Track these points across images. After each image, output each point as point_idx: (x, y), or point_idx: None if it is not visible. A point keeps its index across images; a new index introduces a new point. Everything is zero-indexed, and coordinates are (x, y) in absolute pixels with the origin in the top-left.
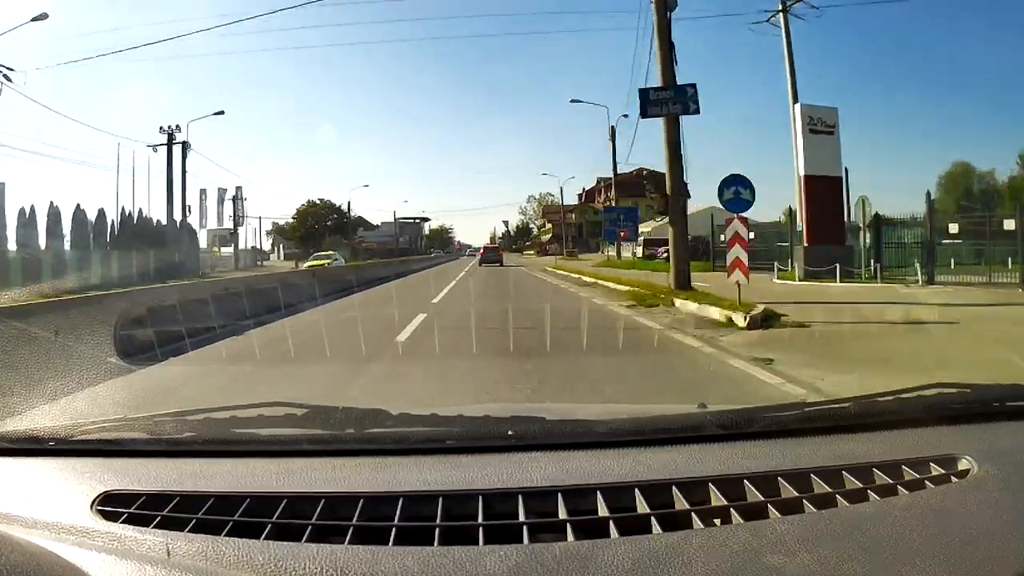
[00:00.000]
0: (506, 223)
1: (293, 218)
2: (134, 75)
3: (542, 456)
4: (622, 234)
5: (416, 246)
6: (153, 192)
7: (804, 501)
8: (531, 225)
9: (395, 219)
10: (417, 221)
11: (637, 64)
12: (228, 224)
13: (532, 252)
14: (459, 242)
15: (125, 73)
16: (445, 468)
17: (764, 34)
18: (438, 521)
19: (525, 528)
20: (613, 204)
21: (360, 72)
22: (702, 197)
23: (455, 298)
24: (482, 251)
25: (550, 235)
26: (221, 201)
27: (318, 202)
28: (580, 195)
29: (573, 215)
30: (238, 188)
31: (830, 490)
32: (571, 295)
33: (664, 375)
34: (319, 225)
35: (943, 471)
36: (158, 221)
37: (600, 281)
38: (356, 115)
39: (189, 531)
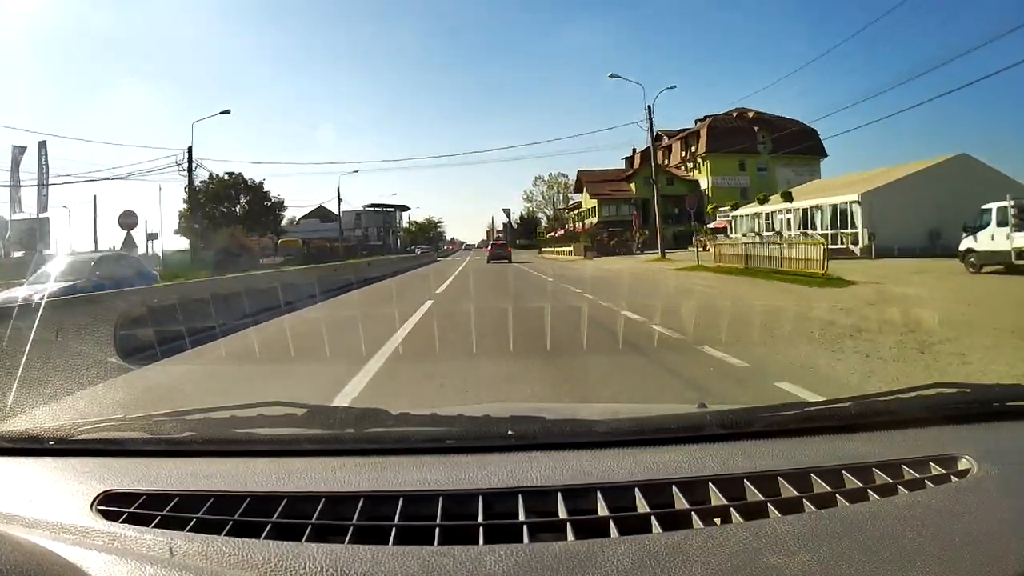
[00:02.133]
0: (507, 212)
1: (185, 200)
2: None
3: (542, 456)
4: None
5: (389, 242)
6: None
7: (804, 501)
8: (539, 214)
9: (339, 200)
10: (390, 209)
11: None
12: (28, 209)
13: (566, 249)
14: (453, 238)
15: None
16: (445, 468)
17: None
18: (438, 521)
19: (525, 528)
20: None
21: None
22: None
23: None
24: (489, 248)
25: (596, 220)
26: (16, 167)
27: (226, 177)
28: (629, 159)
29: (633, 186)
30: (41, 144)
31: (830, 490)
32: None
33: None
34: (223, 210)
35: (943, 471)
36: None
37: None
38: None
39: (189, 531)
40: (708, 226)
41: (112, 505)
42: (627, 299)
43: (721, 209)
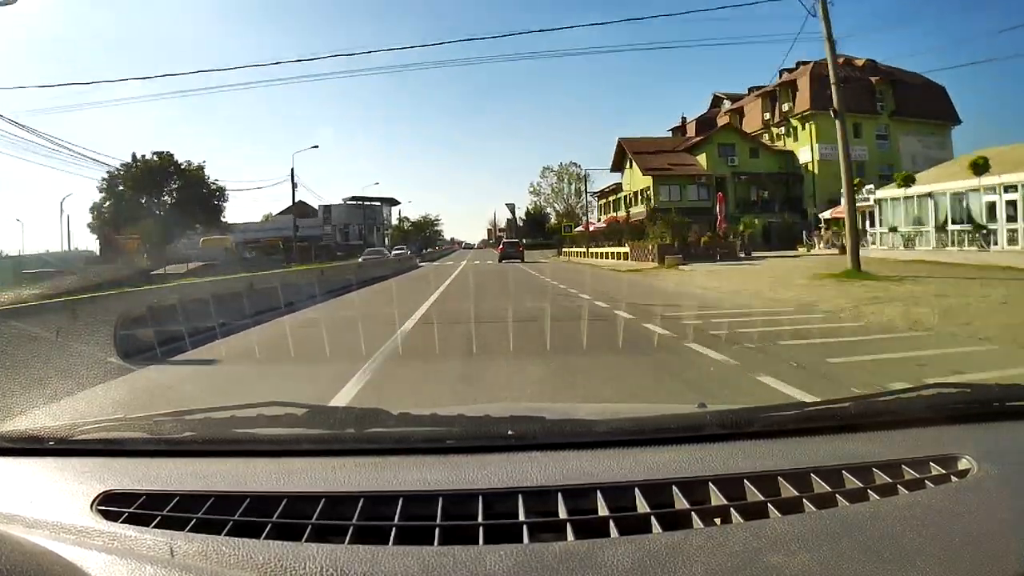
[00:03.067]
0: (511, 207)
1: (100, 189)
2: None
3: (542, 456)
4: None
5: (373, 241)
6: None
7: (804, 501)
8: (548, 209)
9: (292, 185)
10: (376, 203)
11: None
12: None
13: (614, 250)
14: (453, 238)
15: None
16: (445, 468)
17: None
18: (438, 521)
19: (525, 528)
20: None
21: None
22: None
23: None
24: (500, 247)
25: (652, 205)
26: None
27: (153, 158)
28: (680, 129)
29: (702, 158)
30: None
31: (830, 490)
32: None
33: None
34: (143, 200)
35: (943, 471)
36: None
37: None
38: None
39: (189, 531)
40: (824, 215)
41: (112, 505)
42: None
43: (866, 187)
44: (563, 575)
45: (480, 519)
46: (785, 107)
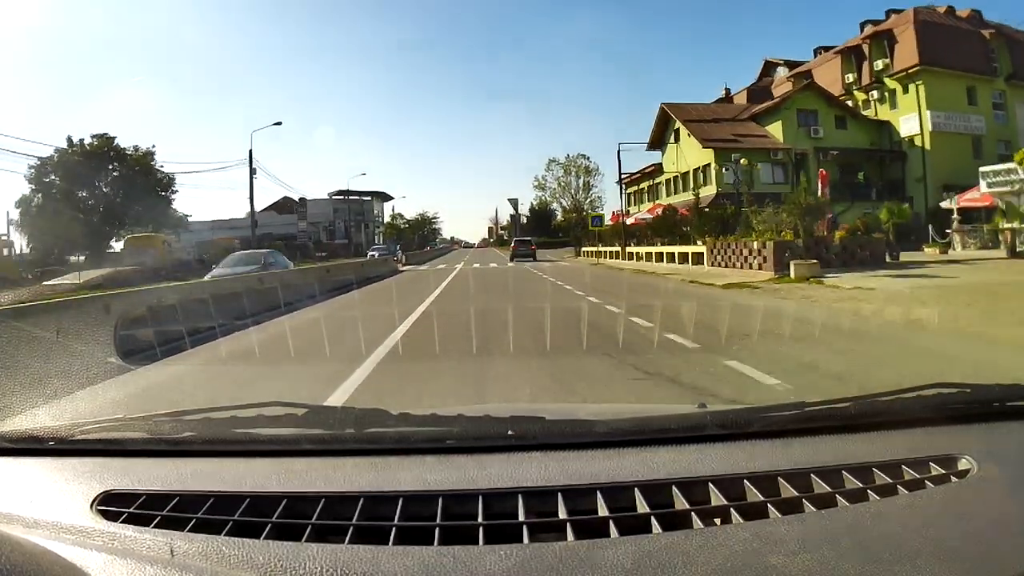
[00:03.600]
0: (514, 203)
1: (29, 180)
2: None
3: (542, 456)
4: None
5: (362, 240)
6: None
7: (804, 501)
8: (554, 205)
9: (251, 170)
10: (365, 198)
11: None
12: None
13: (676, 249)
14: (452, 237)
15: None
16: (445, 468)
17: None
18: (438, 521)
19: (525, 528)
20: None
21: None
22: None
23: None
24: (513, 246)
25: (715, 189)
26: None
27: (91, 144)
28: (726, 101)
29: (776, 127)
30: None
31: (830, 490)
32: None
33: None
34: (83, 194)
35: (943, 471)
36: None
37: None
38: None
39: (189, 531)
40: (947, 204)
41: (112, 505)
42: None
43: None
44: (563, 575)
45: (480, 519)
46: (878, 64)
